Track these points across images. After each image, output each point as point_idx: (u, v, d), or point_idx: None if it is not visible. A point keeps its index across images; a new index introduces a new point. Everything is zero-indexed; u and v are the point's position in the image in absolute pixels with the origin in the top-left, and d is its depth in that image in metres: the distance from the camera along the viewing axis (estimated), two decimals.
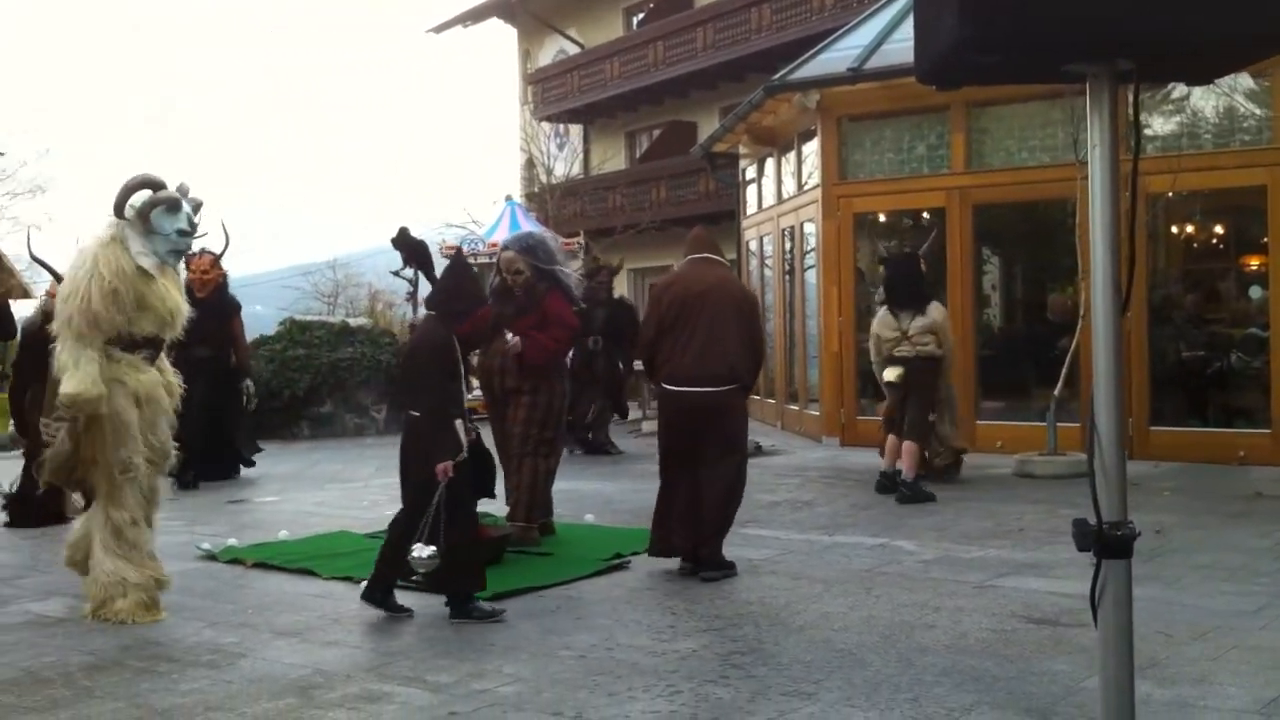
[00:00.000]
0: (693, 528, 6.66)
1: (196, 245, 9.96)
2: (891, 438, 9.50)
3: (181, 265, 6.72)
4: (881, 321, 9.72)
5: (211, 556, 7.51)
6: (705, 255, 7.04)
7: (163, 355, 6.18)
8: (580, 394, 12.23)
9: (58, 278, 9.75)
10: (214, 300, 10.88)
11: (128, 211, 5.93)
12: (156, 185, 6.02)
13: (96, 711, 4.48)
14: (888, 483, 9.41)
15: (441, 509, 5.67)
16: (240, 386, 11.47)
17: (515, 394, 7.67)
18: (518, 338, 7.58)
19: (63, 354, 5.76)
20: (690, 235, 7.38)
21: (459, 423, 5.75)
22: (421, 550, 5.69)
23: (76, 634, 5.67)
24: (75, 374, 5.66)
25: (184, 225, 6.05)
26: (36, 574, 7.07)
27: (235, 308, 11.52)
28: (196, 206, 6.21)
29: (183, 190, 6.10)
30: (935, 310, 9.67)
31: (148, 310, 5.91)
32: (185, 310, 6.12)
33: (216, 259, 11.01)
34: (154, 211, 5.94)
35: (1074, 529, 2.55)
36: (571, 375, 9.23)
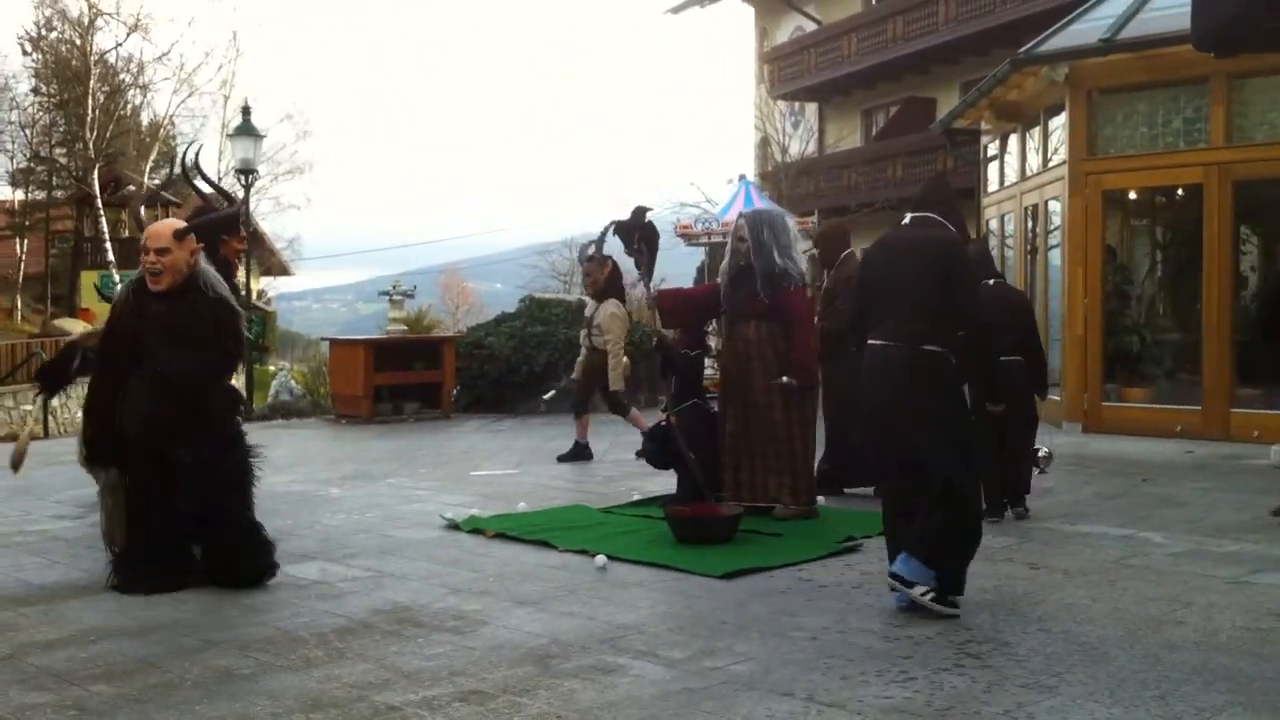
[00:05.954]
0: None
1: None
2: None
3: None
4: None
5: (455, 526, 7.78)
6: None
7: None
8: None
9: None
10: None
11: None
12: None
13: (347, 671, 4.68)
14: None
15: None
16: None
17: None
18: (791, 381, 7.73)
19: None
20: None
21: None
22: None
23: (329, 596, 5.95)
24: None
25: None
26: (294, 538, 7.43)
27: None
28: None
29: None
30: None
31: None
32: None
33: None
34: None
35: None
36: None
